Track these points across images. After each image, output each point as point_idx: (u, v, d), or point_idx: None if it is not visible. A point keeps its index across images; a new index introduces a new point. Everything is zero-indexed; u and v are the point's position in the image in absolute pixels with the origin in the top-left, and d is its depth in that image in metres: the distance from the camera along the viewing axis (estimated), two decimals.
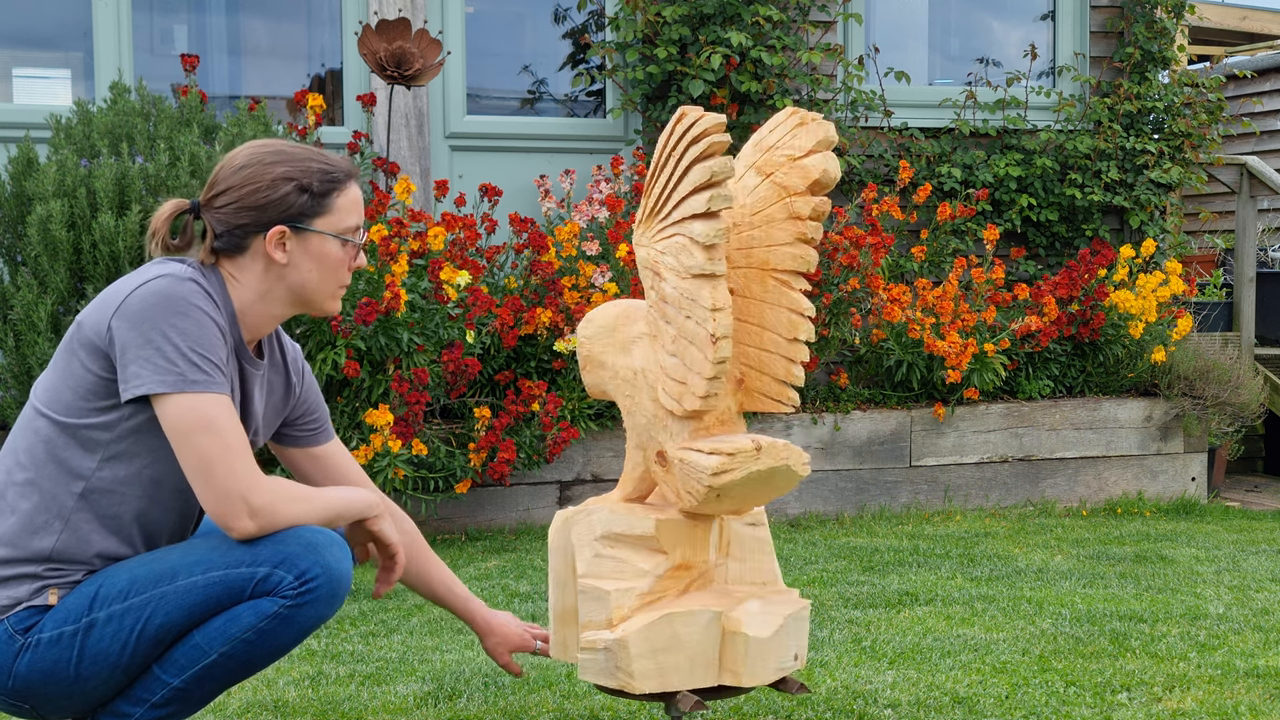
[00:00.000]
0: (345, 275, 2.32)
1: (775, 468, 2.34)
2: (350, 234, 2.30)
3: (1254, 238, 7.14)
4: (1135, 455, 6.01)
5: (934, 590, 4.09)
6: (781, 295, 2.43)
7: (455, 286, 4.79)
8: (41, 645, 2.14)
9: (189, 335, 2.11)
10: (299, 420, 2.49)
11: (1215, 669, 3.20)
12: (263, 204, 2.23)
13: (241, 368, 2.29)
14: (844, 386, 5.75)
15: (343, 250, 2.30)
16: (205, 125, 5.10)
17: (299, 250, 2.26)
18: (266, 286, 2.27)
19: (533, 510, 5.21)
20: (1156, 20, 6.74)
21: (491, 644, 2.68)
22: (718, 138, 2.26)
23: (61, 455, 2.17)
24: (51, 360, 2.22)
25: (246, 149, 2.28)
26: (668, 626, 2.37)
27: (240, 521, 2.12)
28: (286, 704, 2.93)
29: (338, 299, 2.34)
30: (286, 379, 2.44)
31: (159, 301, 2.11)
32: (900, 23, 7.04)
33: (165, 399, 2.10)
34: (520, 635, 2.68)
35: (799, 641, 2.49)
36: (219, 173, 2.27)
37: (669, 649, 2.37)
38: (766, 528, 2.60)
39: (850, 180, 6.42)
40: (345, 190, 2.29)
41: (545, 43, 6.64)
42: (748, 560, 2.57)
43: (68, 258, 4.61)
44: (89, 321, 2.16)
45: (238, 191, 2.24)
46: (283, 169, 2.24)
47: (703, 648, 2.39)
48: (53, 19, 6.04)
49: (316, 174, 2.26)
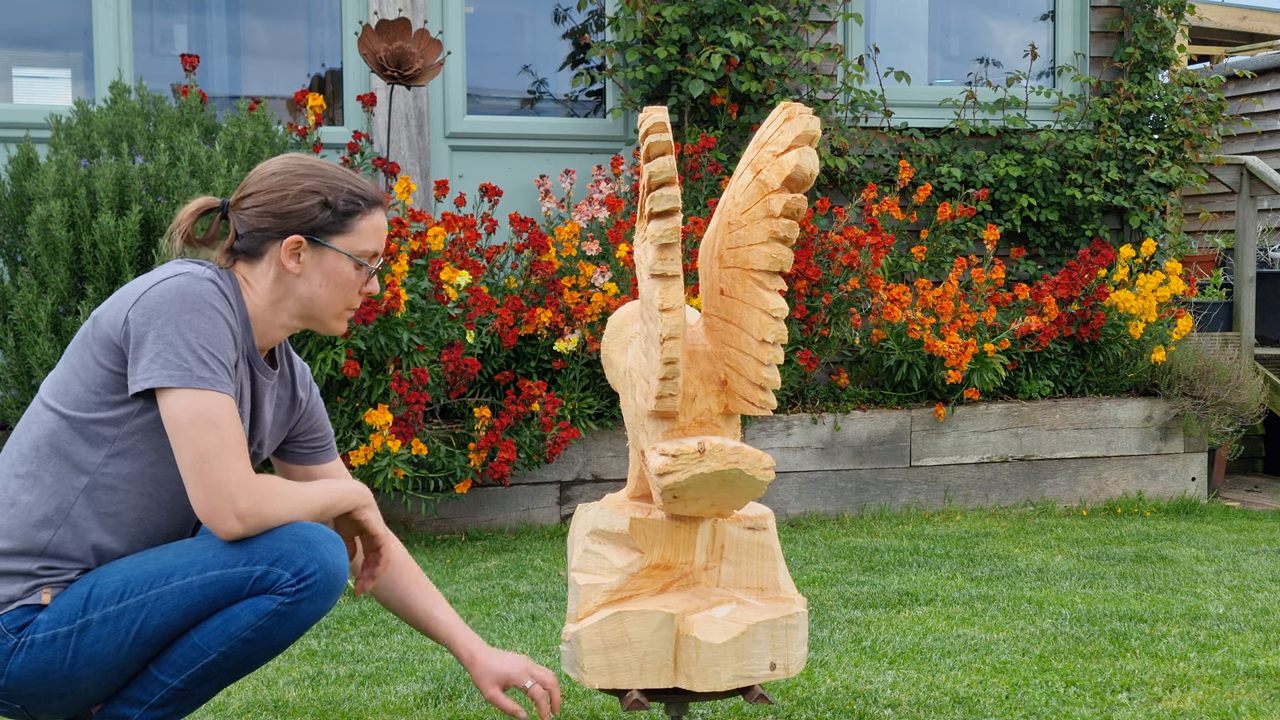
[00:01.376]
0: (354, 298, 2.34)
1: (724, 471, 2.30)
2: (366, 258, 2.32)
3: (1254, 238, 7.14)
4: (1135, 455, 6.01)
5: (934, 590, 4.09)
6: (755, 295, 2.38)
7: (455, 286, 4.79)
8: (36, 645, 2.14)
9: (201, 332, 2.13)
10: (303, 436, 2.50)
11: (1215, 669, 3.20)
12: (286, 212, 2.26)
13: (254, 375, 2.31)
14: (844, 386, 5.75)
15: (355, 273, 2.32)
16: (205, 125, 5.10)
17: (312, 263, 2.29)
18: (277, 295, 2.29)
19: (533, 510, 5.21)
20: (1156, 20, 6.74)
21: (476, 675, 2.51)
22: (655, 138, 2.30)
23: (67, 449, 2.18)
24: (63, 356, 2.24)
25: (282, 158, 2.33)
26: (619, 624, 2.38)
27: (228, 522, 2.13)
28: (286, 704, 2.93)
29: (344, 320, 2.36)
30: (293, 393, 2.45)
31: (176, 298, 2.13)
32: (900, 23, 7.04)
33: (169, 392, 2.12)
34: (509, 669, 2.49)
35: (779, 651, 2.43)
36: (251, 176, 2.32)
37: (619, 646, 2.39)
38: (771, 533, 2.55)
39: (850, 180, 6.42)
40: (369, 215, 2.32)
41: (545, 43, 6.64)
42: (743, 564, 2.53)
43: (68, 258, 4.61)
44: (105, 316, 2.18)
45: (264, 196, 2.27)
46: (311, 182, 2.28)
47: (655, 648, 2.39)
48: (53, 19, 6.04)
49: (344, 193, 2.29)
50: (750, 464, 2.32)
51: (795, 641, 2.46)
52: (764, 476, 2.34)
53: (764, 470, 2.33)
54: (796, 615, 2.46)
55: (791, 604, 2.51)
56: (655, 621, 2.40)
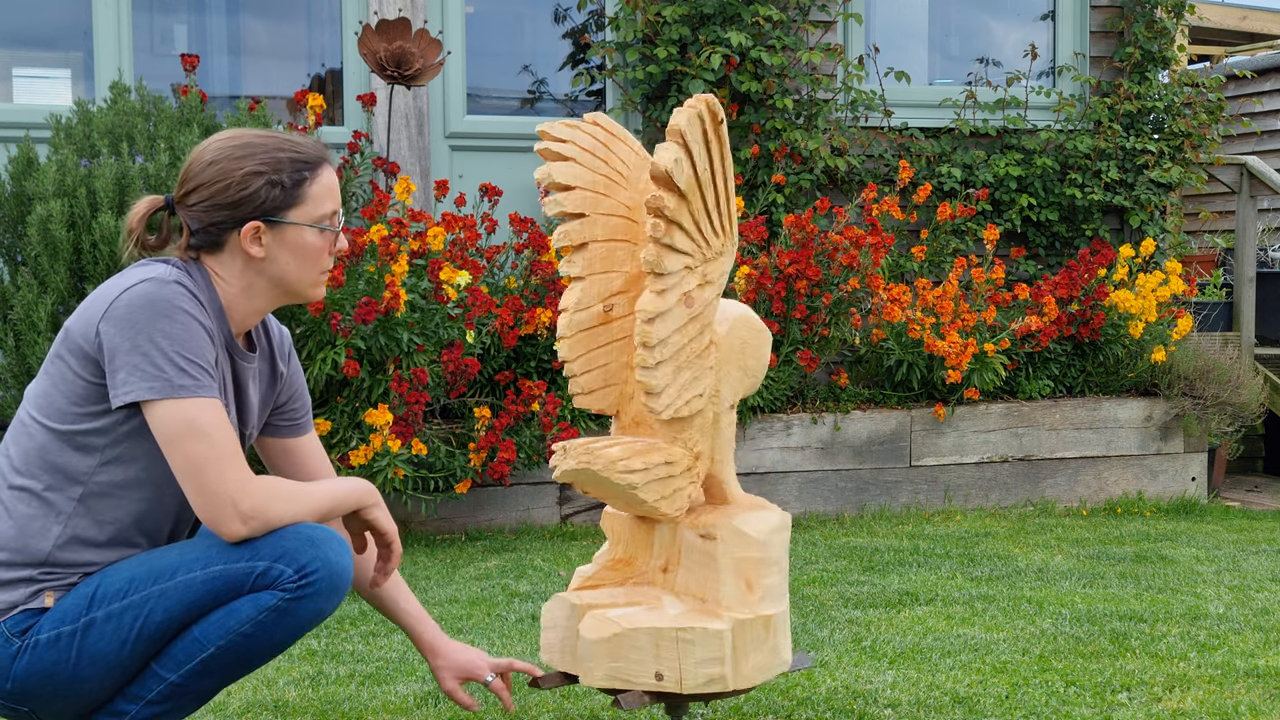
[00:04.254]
0: (326, 261, 2.30)
1: (579, 470, 2.35)
2: (326, 220, 2.28)
3: (1254, 238, 7.14)
4: (1135, 455, 6.01)
5: (934, 590, 4.09)
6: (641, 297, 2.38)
7: (455, 286, 4.79)
8: (39, 647, 2.13)
9: (175, 339, 2.10)
10: (283, 407, 2.46)
11: (1215, 669, 3.20)
12: (235, 201, 2.21)
13: (234, 363, 2.28)
14: (844, 386, 5.75)
15: (320, 238, 2.27)
16: (205, 125, 5.10)
17: (275, 243, 2.24)
18: (248, 281, 2.26)
19: (533, 510, 5.21)
20: (1156, 20, 6.74)
21: (436, 667, 2.56)
22: (545, 145, 2.45)
23: (57, 461, 2.16)
24: (42, 367, 2.21)
25: (215, 143, 2.25)
26: (553, 606, 2.52)
27: (231, 526, 2.12)
28: (286, 704, 2.93)
29: (321, 285, 2.32)
30: (273, 364, 2.42)
31: (144, 306, 2.10)
32: (900, 23, 7.04)
33: (154, 405, 2.10)
34: (470, 662, 2.55)
35: (667, 663, 2.38)
36: (189, 169, 2.25)
37: (550, 627, 2.53)
38: (719, 543, 2.44)
39: (850, 180, 6.42)
40: (317, 177, 2.27)
41: (545, 43, 6.64)
42: (693, 571, 2.48)
43: (68, 258, 4.61)
44: (76, 328, 2.15)
45: (209, 189, 2.22)
46: (252, 164, 2.22)
47: (568, 634, 2.50)
48: (53, 19, 6.04)
49: (287, 165, 2.23)
50: (603, 465, 2.34)
51: (691, 657, 2.37)
52: (620, 480, 2.34)
53: (620, 474, 2.33)
54: (694, 631, 2.36)
55: (704, 619, 2.40)
56: (566, 609, 2.50)
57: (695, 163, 2.28)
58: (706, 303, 2.39)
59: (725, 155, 2.35)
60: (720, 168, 2.34)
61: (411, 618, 2.56)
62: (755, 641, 2.43)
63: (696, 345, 2.40)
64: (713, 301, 2.41)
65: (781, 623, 2.49)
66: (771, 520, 2.48)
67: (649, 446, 2.41)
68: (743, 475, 5.41)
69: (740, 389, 2.53)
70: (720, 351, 2.47)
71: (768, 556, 2.45)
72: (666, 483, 2.41)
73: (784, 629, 2.50)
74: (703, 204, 2.33)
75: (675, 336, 2.35)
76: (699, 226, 2.33)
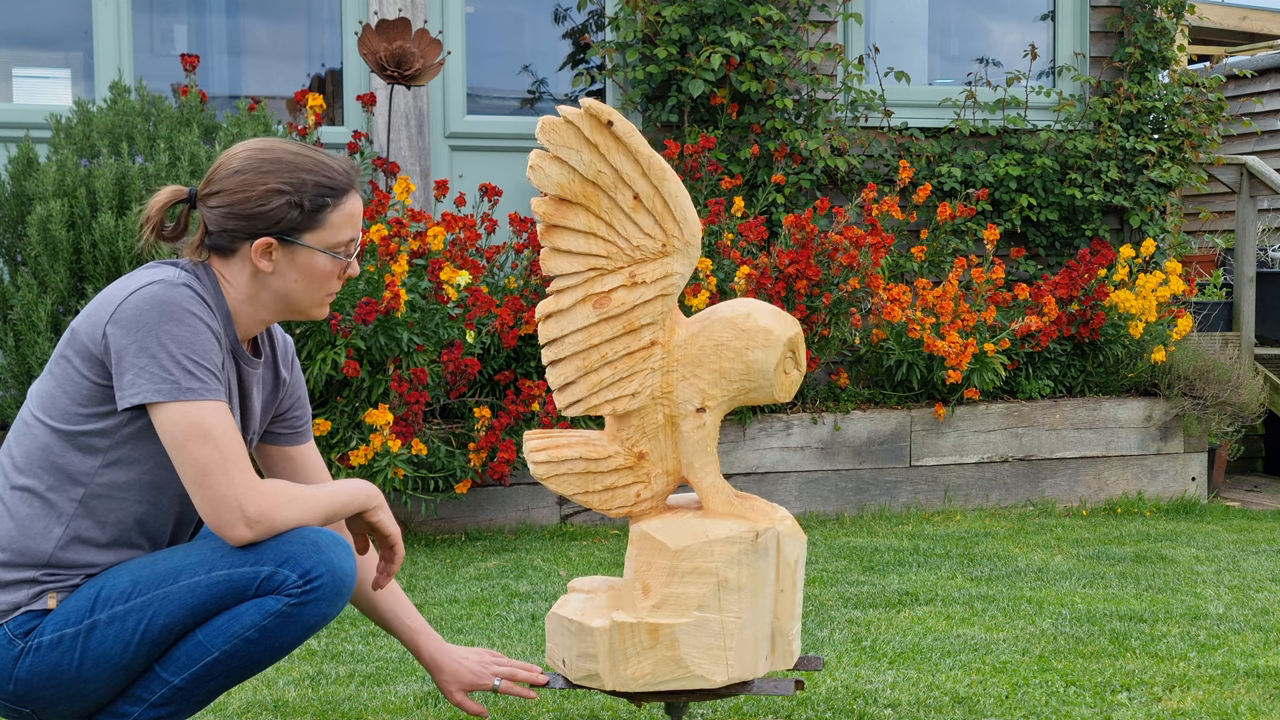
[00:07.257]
0: (334, 285, 2.30)
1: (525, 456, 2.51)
2: (340, 249, 2.27)
3: (1254, 238, 7.14)
4: (1135, 455, 6.01)
5: (934, 590, 4.09)
6: None
7: (455, 286, 4.79)
8: (42, 649, 2.13)
9: (183, 342, 2.10)
10: (285, 415, 2.46)
11: (1215, 669, 3.20)
12: (252, 214, 2.21)
13: (239, 367, 2.29)
14: (844, 386, 5.75)
15: (332, 263, 2.27)
16: (205, 125, 5.10)
17: (286, 261, 2.24)
18: (253, 291, 2.26)
19: (533, 510, 5.21)
20: (1156, 20, 6.74)
21: (441, 681, 2.54)
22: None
23: (60, 461, 2.16)
24: (46, 366, 2.21)
25: (245, 150, 2.25)
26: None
27: (237, 530, 2.12)
28: (286, 704, 2.93)
29: (325, 307, 2.33)
30: (276, 371, 2.42)
31: (153, 308, 2.10)
32: (900, 23, 7.04)
33: (160, 408, 2.09)
34: (474, 672, 2.53)
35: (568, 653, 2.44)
36: (216, 170, 2.25)
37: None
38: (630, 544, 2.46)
39: (850, 180, 6.42)
40: (340, 205, 2.25)
41: (545, 43, 6.64)
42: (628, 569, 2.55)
43: (68, 258, 4.61)
44: (83, 328, 2.15)
45: (230, 196, 2.21)
46: (275, 181, 2.20)
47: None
48: (53, 19, 6.04)
49: (310, 188, 2.22)
50: (527, 452, 2.46)
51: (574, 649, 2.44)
52: (533, 470, 2.45)
53: (533, 465, 2.44)
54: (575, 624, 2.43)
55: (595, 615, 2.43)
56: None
57: (576, 167, 2.31)
58: (634, 303, 2.37)
59: (635, 154, 2.32)
60: (630, 167, 2.32)
61: (411, 631, 2.55)
62: (638, 648, 2.38)
63: (617, 345, 2.39)
64: (650, 302, 2.37)
65: (684, 636, 2.37)
66: (714, 532, 2.37)
67: (573, 442, 2.43)
68: (742, 475, 5.41)
69: (723, 393, 2.41)
70: (675, 353, 2.40)
71: (681, 566, 2.36)
72: (589, 478, 2.43)
73: (690, 643, 2.37)
74: (613, 205, 2.33)
75: (577, 336, 2.38)
76: (614, 227, 2.34)
